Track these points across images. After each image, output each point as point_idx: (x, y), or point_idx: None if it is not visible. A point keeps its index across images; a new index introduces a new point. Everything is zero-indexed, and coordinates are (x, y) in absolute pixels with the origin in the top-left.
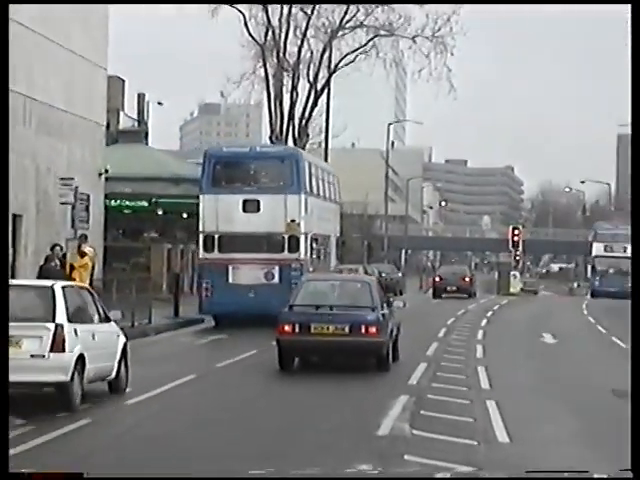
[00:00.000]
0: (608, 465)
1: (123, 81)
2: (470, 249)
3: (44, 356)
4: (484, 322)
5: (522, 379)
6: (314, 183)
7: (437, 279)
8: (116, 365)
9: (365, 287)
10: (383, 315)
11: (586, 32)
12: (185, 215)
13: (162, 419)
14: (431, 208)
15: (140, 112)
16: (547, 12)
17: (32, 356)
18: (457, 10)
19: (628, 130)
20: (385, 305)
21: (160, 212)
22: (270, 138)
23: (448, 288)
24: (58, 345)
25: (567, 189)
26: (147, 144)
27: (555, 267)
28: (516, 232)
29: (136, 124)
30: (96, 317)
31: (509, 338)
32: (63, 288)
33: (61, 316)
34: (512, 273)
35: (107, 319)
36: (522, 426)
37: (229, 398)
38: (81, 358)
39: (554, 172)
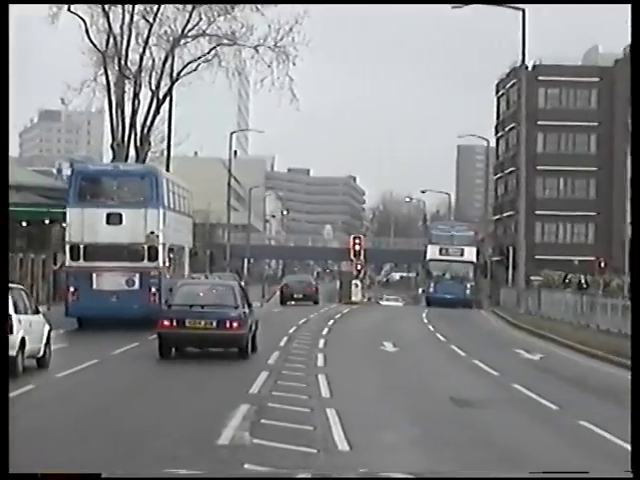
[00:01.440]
0: (446, 468)
1: None
2: (312, 258)
3: None
4: (325, 331)
5: (363, 387)
6: (171, 198)
7: (284, 287)
8: (43, 347)
9: (229, 290)
10: (244, 313)
11: (429, 44)
12: (25, 224)
13: (88, 385)
14: (274, 217)
15: None
16: (391, 26)
17: None
18: (300, 20)
19: (467, 141)
20: (246, 305)
21: None
22: (112, 146)
23: (295, 295)
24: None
25: (408, 199)
26: None
27: (396, 276)
28: (357, 241)
29: None
30: (30, 310)
31: (350, 347)
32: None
33: (10, 309)
34: (353, 282)
35: (37, 311)
36: (362, 433)
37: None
38: (23, 339)
39: (396, 182)
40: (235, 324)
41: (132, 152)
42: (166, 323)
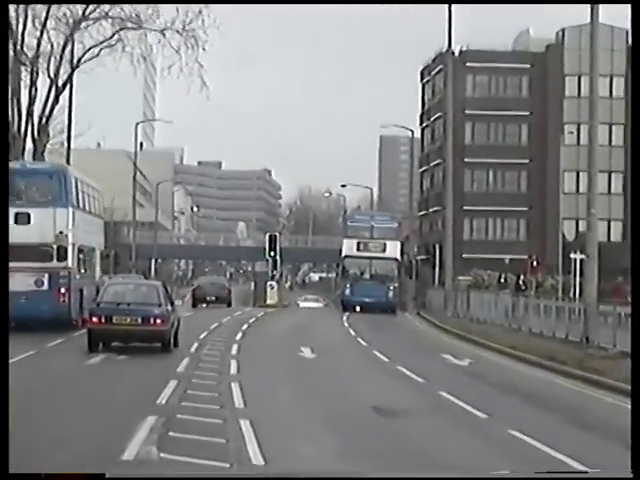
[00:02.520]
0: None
1: None
2: (225, 258)
3: None
4: (239, 336)
5: (279, 396)
6: (81, 198)
7: (196, 289)
8: None
9: (154, 289)
10: (167, 310)
11: (347, 34)
12: None
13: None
14: (183, 214)
15: None
16: (305, 13)
17: None
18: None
19: (391, 132)
20: (169, 303)
21: None
22: None
23: (207, 298)
24: None
25: (327, 194)
26: None
27: (315, 277)
28: (273, 240)
29: None
30: None
31: (266, 353)
32: None
33: None
34: (269, 283)
35: None
36: (278, 446)
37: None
38: None
39: (314, 176)
40: (158, 320)
41: (29, 144)
42: (95, 320)
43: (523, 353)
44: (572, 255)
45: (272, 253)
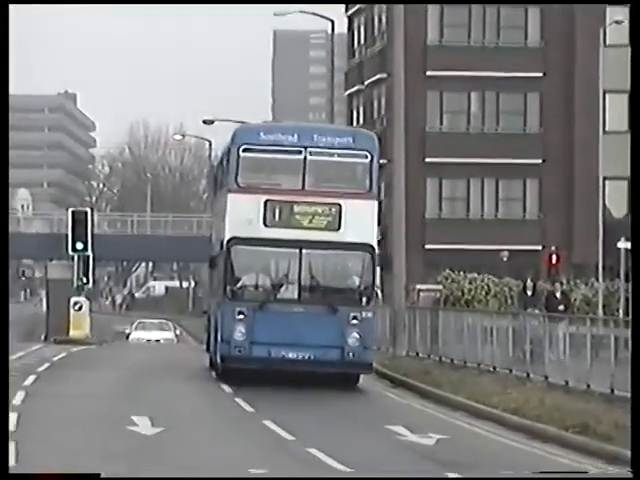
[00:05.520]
0: None
1: None
2: None
3: None
4: (19, 397)
5: None
6: None
7: None
8: None
9: None
10: None
11: None
12: None
13: None
14: None
15: None
16: None
17: None
18: None
19: (293, 23)
20: None
21: None
22: None
23: None
24: None
25: (178, 137)
26: None
27: (160, 287)
28: (80, 221)
29: None
30: None
31: (68, 428)
32: None
33: None
34: (74, 301)
35: None
36: None
37: None
38: None
39: (155, 108)
40: None
41: None
42: None
43: (536, 422)
44: (620, 244)
45: (79, 245)
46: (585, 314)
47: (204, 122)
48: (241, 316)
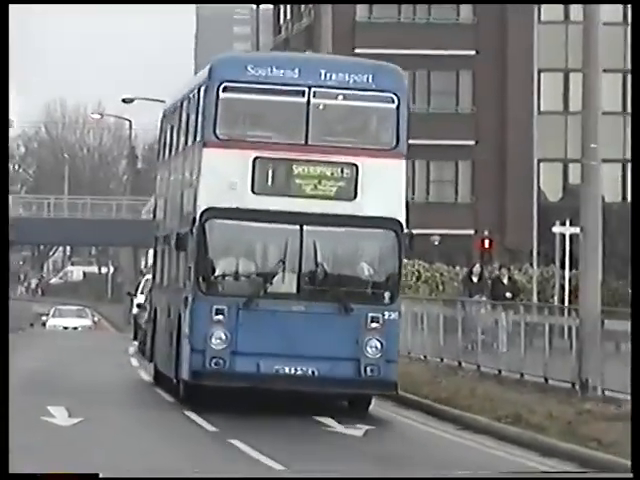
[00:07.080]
0: None
1: None
2: None
3: None
4: None
5: None
6: None
7: None
8: None
9: None
10: None
11: None
12: None
13: None
14: None
15: None
16: None
17: None
18: None
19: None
20: None
21: None
22: None
23: None
24: None
25: (96, 116)
26: None
27: (78, 272)
28: None
29: None
30: None
31: None
32: None
33: None
34: None
35: None
36: None
37: None
38: None
39: (75, 86)
40: None
41: None
42: None
43: (466, 412)
44: (556, 229)
45: None
46: (519, 301)
47: (123, 101)
48: (220, 317)
